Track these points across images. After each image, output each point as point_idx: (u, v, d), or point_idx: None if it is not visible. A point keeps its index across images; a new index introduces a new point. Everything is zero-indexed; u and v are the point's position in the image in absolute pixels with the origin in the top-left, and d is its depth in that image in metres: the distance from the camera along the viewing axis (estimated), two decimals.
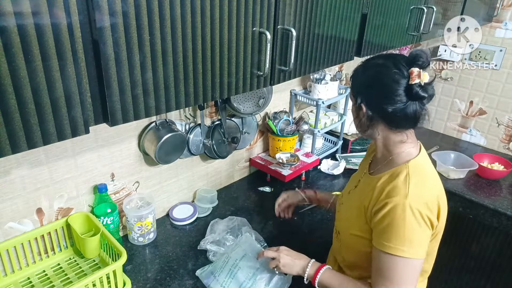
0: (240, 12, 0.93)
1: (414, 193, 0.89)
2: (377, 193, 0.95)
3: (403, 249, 0.88)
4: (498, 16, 2.16)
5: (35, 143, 0.70)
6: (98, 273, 1.03)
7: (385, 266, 0.91)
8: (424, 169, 0.97)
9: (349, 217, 1.05)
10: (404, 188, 0.90)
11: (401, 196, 0.89)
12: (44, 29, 0.63)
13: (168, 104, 0.88)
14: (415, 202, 0.88)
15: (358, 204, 1.01)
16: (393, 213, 0.89)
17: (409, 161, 0.96)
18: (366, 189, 1.01)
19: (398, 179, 0.93)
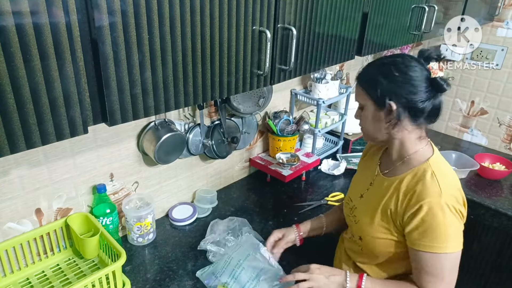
0: (240, 11, 0.92)
1: (445, 190, 0.92)
2: (405, 195, 0.97)
3: (446, 246, 0.92)
4: (500, 15, 2.16)
5: (33, 143, 0.69)
6: (98, 273, 1.02)
7: (429, 264, 0.94)
8: (444, 165, 0.99)
9: (370, 222, 1.04)
10: (435, 187, 0.93)
11: (435, 196, 0.92)
12: (43, 28, 0.63)
13: (167, 104, 0.87)
14: (449, 200, 0.92)
15: (380, 207, 1.02)
16: (432, 214, 0.91)
17: (428, 159, 0.98)
18: (385, 191, 1.02)
19: (425, 179, 0.94)
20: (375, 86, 0.97)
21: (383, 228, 1.01)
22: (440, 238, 0.91)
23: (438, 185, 0.93)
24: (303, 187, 1.78)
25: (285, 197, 1.69)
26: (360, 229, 1.09)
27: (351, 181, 1.24)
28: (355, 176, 1.24)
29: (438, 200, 0.91)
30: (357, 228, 1.11)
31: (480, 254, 1.89)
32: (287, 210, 1.60)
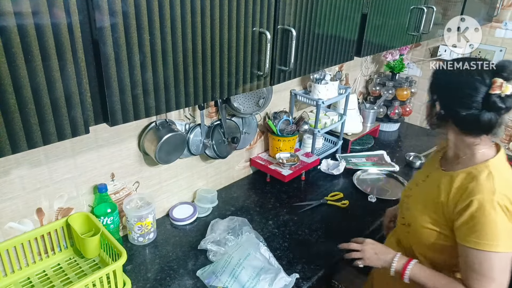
0: (240, 12, 0.93)
1: (500, 190, 0.92)
2: (457, 190, 0.97)
3: (497, 244, 0.90)
4: (498, 16, 2.16)
5: (35, 143, 0.70)
6: (98, 273, 1.03)
7: (478, 262, 0.93)
8: (505, 169, 0.98)
9: (421, 211, 1.06)
10: (489, 185, 0.92)
11: (487, 193, 0.91)
12: (44, 29, 0.63)
13: (168, 104, 0.88)
14: (502, 198, 0.91)
15: (432, 199, 1.03)
16: (482, 210, 0.91)
17: (487, 160, 0.98)
18: (439, 185, 1.03)
19: (480, 178, 0.94)
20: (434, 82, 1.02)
21: (431, 218, 1.03)
22: (490, 236, 0.90)
23: (493, 184, 0.92)
24: (303, 187, 1.79)
25: (285, 196, 1.70)
26: (410, 215, 1.11)
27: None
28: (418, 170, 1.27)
29: (490, 197, 0.91)
30: (408, 215, 1.12)
31: None
32: (287, 210, 1.60)
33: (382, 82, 2.38)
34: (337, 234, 1.46)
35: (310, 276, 1.26)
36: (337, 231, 1.48)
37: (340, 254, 1.36)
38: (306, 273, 1.27)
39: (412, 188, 1.17)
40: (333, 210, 1.62)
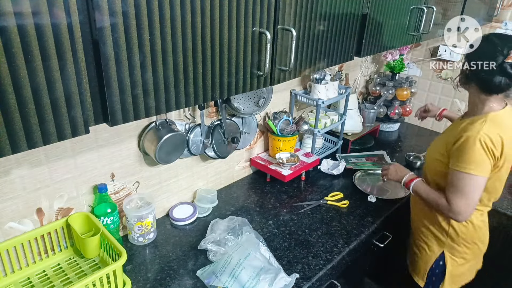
0: (240, 12, 0.93)
1: (484, 131, 1.20)
2: (459, 130, 1.27)
3: (471, 168, 1.20)
4: (498, 16, 2.16)
5: (35, 143, 0.70)
6: (98, 273, 1.03)
7: (456, 181, 1.24)
8: (500, 121, 1.24)
9: (435, 149, 1.39)
10: (478, 127, 1.21)
11: (474, 131, 1.21)
12: (44, 29, 0.63)
13: (168, 104, 0.88)
14: (483, 137, 1.19)
15: (444, 140, 1.34)
16: (466, 142, 1.21)
17: (489, 112, 1.25)
18: (451, 132, 1.34)
19: (476, 123, 1.24)
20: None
21: (439, 153, 1.34)
22: (467, 161, 1.20)
23: (482, 127, 1.21)
24: (303, 187, 1.79)
25: (285, 196, 1.70)
26: (428, 152, 1.45)
27: None
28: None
29: (475, 135, 1.20)
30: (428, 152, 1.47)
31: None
32: (287, 210, 1.60)
33: (382, 82, 2.38)
34: (337, 234, 1.46)
35: (310, 276, 1.26)
36: (337, 231, 1.48)
37: (340, 254, 1.37)
38: (306, 273, 1.27)
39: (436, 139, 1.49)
40: (333, 210, 1.62)
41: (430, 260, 1.48)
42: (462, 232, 1.38)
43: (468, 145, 1.20)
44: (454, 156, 1.25)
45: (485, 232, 1.46)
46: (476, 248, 1.45)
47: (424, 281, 1.52)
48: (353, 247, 1.42)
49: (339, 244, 1.41)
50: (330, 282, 1.38)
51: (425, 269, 1.50)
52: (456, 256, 1.44)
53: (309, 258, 1.34)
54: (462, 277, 1.51)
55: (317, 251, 1.37)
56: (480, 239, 1.44)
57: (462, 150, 1.22)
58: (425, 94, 2.56)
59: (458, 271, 1.47)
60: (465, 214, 1.26)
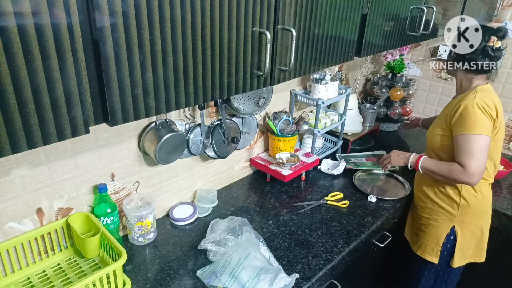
0: (240, 12, 0.93)
1: (479, 98, 1.36)
2: (455, 105, 1.41)
3: (475, 129, 1.33)
4: (498, 16, 2.16)
5: (35, 143, 0.70)
6: (98, 273, 1.03)
7: (464, 144, 1.36)
8: (488, 91, 1.42)
9: (434, 127, 1.52)
10: (472, 96, 1.38)
11: (470, 99, 1.37)
12: (44, 29, 0.63)
13: (168, 104, 0.88)
14: (479, 102, 1.35)
15: (441, 118, 1.48)
16: (465, 109, 1.36)
17: (477, 86, 1.43)
18: (447, 109, 1.48)
19: (469, 94, 1.40)
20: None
21: (439, 128, 1.47)
22: (469, 124, 1.34)
23: (475, 95, 1.37)
24: (303, 187, 1.79)
25: (285, 196, 1.70)
26: (428, 131, 1.56)
27: None
28: None
29: (472, 101, 1.35)
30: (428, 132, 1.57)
31: None
32: (287, 210, 1.60)
33: (382, 82, 2.38)
34: (337, 234, 1.46)
35: (310, 276, 1.26)
36: (337, 231, 1.48)
37: (340, 254, 1.37)
38: (306, 273, 1.27)
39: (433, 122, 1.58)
40: (333, 210, 1.62)
41: (442, 236, 1.55)
42: (473, 202, 1.48)
43: (467, 111, 1.34)
44: (456, 124, 1.38)
45: (489, 203, 1.56)
46: (483, 220, 1.55)
47: (438, 258, 1.58)
48: (353, 247, 1.42)
49: (339, 244, 1.41)
50: (330, 282, 1.38)
51: (438, 245, 1.56)
52: (465, 229, 1.53)
53: (309, 258, 1.34)
54: (470, 252, 1.57)
55: (317, 251, 1.37)
56: (488, 210, 1.56)
57: (463, 117, 1.35)
58: (425, 94, 2.56)
59: (467, 244, 1.54)
60: (479, 175, 1.36)
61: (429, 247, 1.59)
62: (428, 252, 1.60)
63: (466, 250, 1.56)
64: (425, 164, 1.49)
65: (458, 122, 1.37)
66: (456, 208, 1.50)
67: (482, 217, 1.54)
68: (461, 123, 1.36)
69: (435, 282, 1.65)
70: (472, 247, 1.58)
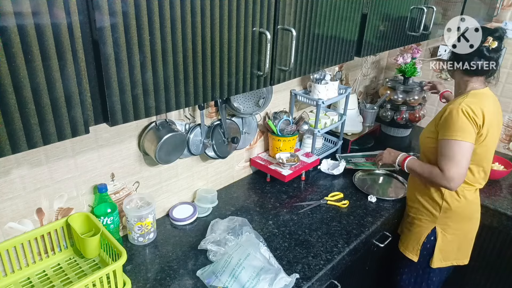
0: (240, 12, 0.93)
1: (465, 103, 1.34)
2: (445, 108, 1.40)
3: (456, 134, 1.33)
4: (498, 16, 2.16)
5: (35, 143, 0.70)
6: (98, 273, 1.03)
7: (445, 149, 1.36)
8: (480, 96, 1.39)
9: (426, 130, 1.52)
10: (460, 100, 1.36)
11: (456, 104, 1.35)
12: (44, 29, 0.63)
13: (168, 104, 0.88)
14: (464, 107, 1.33)
15: (433, 120, 1.48)
16: (450, 114, 1.35)
17: (470, 91, 1.41)
18: (439, 112, 1.46)
19: (458, 99, 1.40)
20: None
21: (429, 131, 1.47)
22: (452, 129, 1.33)
23: (463, 100, 1.36)
24: (303, 187, 1.79)
25: (285, 196, 1.70)
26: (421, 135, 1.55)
27: None
28: None
29: (457, 106, 1.34)
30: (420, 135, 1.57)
31: (480, 254, 1.89)
32: (287, 210, 1.60)
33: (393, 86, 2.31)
34: (337, 234, 1.46)
35: (310, 276, 1.26)
36: (337, 231, 1.48)
37: (340, 254, 1.37)
38: (306, 273, 1.27)
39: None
40: (333, 210, 1.62)
41: (423, 235, 1.57)
42: (456, 206, 1.48)
43: (451, 116, 1.34)
44: (440, 128, 1.38)
45: (476, 209, 1.56)
46: (467, 225, 1.55)
47: (417, 256, 1.60)
48: (353, 247, 1.42)
49: (339, 244, 1.41)
50: (330, 282, 1.38)
51: (418, 244, 1.58)
52: (447, 232, 1.53)
53: (309, 258, 1.34)
54: (451, 255, 1.57)
55: (317, 251, 1.37)
56: (473, 216, 1.55)
57: (446, 121, 1.35)
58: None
59: (448, 247, 1.54)
60: (458, 180, 1.35)
61: (410, 245, 1.62)
62: (410, 250, 1.62)
63: (447, 252, 1.56)
64: (410, 164, 1.50)
65: (442, 126, 1.37)
66: (438, 210, 1.51)
67: (466, 222, 1.54)
68: (444, 127, 1.36)
69: (415, 281, 1.67)
70: (455, 250, 1.58)
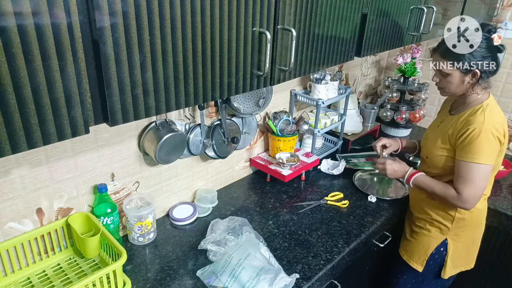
0: (240, 12, 0.93)
1: (488, 120, 1.27)
2: (460, 124, 1.33)
3: (480, 158, 1.27)
4: (498, 16, 2.16)
5: (35, 143, 0.70)
6: (98, 273, 1.03)
7: (464, 171, 1.30)
8: (493, 106, 1.33)
9: (435, 145, 1.42)
10: (481, 117, 1.28)
11: (479, 123, 1.27)
12: (44, 29, 0.63)
13: (168, 104, 0.88)
14: (489, 126, 1.26)
15: (443, 135, 1.39)
16: (472, 134, 1.27)
17: (483, 102, 1.33)
18: (448, 124, 1.39)
19: (476, 114, 1.30)
20: (463, 59, 1.28)
21: (442, 148, 1.39)
22: (476, 152, 1.27)
23: (483, 117, 1.28)
24: (303, 187, 1.79)
25: (285, 196, 1.70)
26: (428, 151, 1.47)
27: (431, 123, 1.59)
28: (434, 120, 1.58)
29: (480, 126, 1.26)
30: (427, 151, 1.49)
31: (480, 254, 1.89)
32: (287, 210, 1.60)
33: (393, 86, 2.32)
34: (337, 234, 1.46)
35: (310, 276, 1.26)
36: (337, 231, 1.48)
37: (340, 254, 1.37)
38: (306, 273, 1.27)
39: (429, 133, 1.52)
40: (333, 210, 1.62)
41: (431, 246, 1.51)
42: (469, 217, 1.44)
43: (476, 137, 1.26)
44: (461, 148, 1.30)
45: (484, 216, 1.53)
46: (477, 232, 1.53)
47: (422, 267, 1.54)
48: (353, 247, 1.42)
49: (339, 244, 1.41)
50: (330, 282, 1.38)
51: (426, 255, 1.52)
52: (458, 242, 1.49)
53: (309, 258, 1.34)
54: (462, 261, 1.55)
55: (317, 251, 1.37)
56: (482, 222, 1.53)
57: (470, 142, 1.27)
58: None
59: (460, 255, 1.52)
60: (474, 202, 1.32)
61: (416, 255, 1.55)
62: (415, 260, 1.55)
63: (458, 260, 1.53)
64: (419, 181, 1.43)
65: (463, 146, 1.29)
66: (450, 221, 1.45)
67: (476, 230, 1.51)
68: (466, 148, 1.28)
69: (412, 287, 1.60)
70: (463, 256, 1.54)
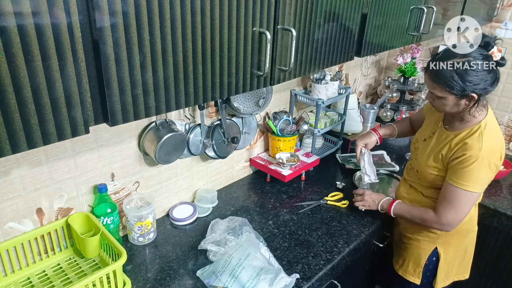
0: (240, 12, 0.93)
1: (486, 146, 1.19)
2: (455, 145, 1.25)
3: (469, 185, 1.21)
4: (498, 16, 2.16)
5: (35, 143, 0.70)
6: (98, 273, 1.03)
7: (451, 195, 1.25)
8: (492, 126, 1.24)
9: (426, 161, 1.35)
10: (478, 143, 1.20)
11: (476, 149, 1.19)
12: (44, 29, 0.63)
13: (168, 104, 0.88)
14: (486, 154, 1.19)
15: (436, 152, 1.32)
16: (468, 161, 1.20)
17: (481, 121, 1.24)
18: (442, 141, 1.31)
19: (473, 136, 1.22)
20: (456, 85, 1.16)
21: (433, 167, 1.32)
22: (468, 179, 1.21)
23: (481, 143, 1.19)
24: (303, 187, 1.79)
25: (285, 196, 1.70)
26: (418, 164, 1.41)
27: (422, 125, 1.50)
28: (424, 123, 1.50)
29: (477, 153, 1.19)
30: (416, 164, 1.42)
31: (480, 254, 1.89)
32: (287, 210, 1.60)
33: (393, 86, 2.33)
34: (337, 234, 1.46)
35: (310, 276, 1.26)
36: (337, 231, 1.48)
37: (340, 254, 1.37)
38: (306, 273, 1.27)
39: (420, 142, 1.44)
40: (333, 210, 1.62)
41: (423, 257, 1.47)
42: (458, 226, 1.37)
43: (470, 164, 1.19)
44: (453, 171, 1.24)
45: (475, 222, 1.49)
46: (467, 239, 1.48)
47: (420, 279, 1.50)
48: (353, 247, 1.42)
49: (339, 244, 1.41)
50: (330, 282, 1.38)
51: (420, 267, 1.48)
52: (448, 250, 1.44)
53: (309, 258, 1.34)
54: (454, 272, 1.51)
55: (317, 251, 1.37)
56: (473, 229, 1.48)
57: (465, 168, 1.21)
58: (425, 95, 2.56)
59: (451, 265, 1.48)
60: (453, 226, 1.29)
61: (411, 268, 1.51)
62: (410, 272, 1.51)
63: (449, 270, 1.49)
64: (397, 210, 1.41)
65: (456, 171, 1.23)
66: (439, 231, 1.39)
67: (467, 237, 1.46)
68: (459, 173, 1.22)
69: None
70: (456, 266, 1.50)
